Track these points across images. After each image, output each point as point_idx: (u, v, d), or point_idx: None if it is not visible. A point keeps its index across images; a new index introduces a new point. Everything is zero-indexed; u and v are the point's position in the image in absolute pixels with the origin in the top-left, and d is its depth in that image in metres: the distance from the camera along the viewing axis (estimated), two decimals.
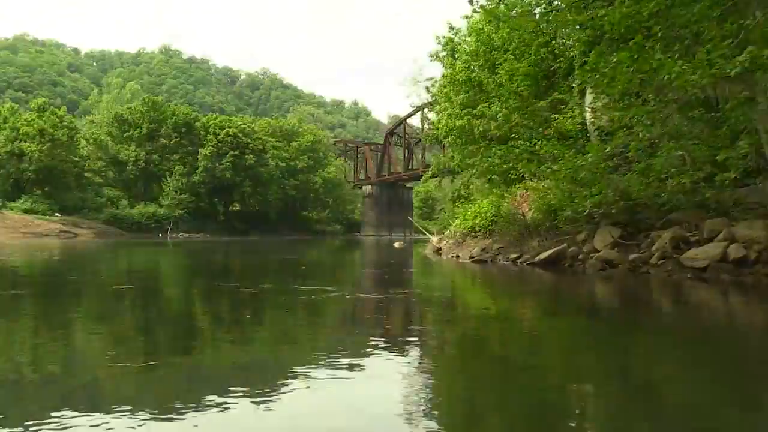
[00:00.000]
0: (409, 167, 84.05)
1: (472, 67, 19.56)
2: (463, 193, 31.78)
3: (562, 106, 17.40)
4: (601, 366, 3.99)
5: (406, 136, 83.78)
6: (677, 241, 9.16)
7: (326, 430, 2.58)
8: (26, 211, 49.46)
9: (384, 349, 4.34)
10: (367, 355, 4.17)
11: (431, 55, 26.39)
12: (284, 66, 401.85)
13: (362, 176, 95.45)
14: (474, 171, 22.68)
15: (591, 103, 12.56)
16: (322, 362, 3.80)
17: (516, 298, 8.04)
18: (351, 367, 3.66)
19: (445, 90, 21.28)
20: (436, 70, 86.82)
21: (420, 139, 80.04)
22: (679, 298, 7.80)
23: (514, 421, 2.83)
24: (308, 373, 3.46)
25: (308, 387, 3.19)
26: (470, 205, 18.35)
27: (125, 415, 2.65)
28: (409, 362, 3.97)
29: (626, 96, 9.46)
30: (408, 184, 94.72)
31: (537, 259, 11.11)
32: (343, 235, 78.85)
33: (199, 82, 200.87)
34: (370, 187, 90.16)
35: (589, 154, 10.23)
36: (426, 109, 33.53)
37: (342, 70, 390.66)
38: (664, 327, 5.75)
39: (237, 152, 62.08)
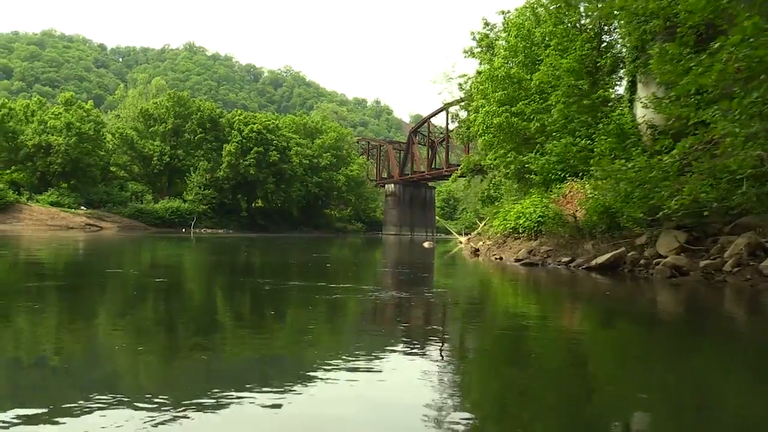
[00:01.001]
0: (433, 166, 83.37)
1: (510, 63, 18.91)
2: (492, 194, 31.13)
3: (609, 104, 16.71)
4: (658, 379, 3.61)
5: (430, 135, 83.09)
6: (753, 247, 8.49)
7: (340, 426, 2.57)
8: (52, 204, 49.75)
9: (424, 351, 4.22)
10: (401, 353, 4.07)
11: (465, 51, 25.82)
12: (306, 63, 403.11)
13: (385, 175, 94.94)
14: (507, 171, 22.05)
15: (647, 99, 11.85)
16: (345, 359, 3.73)
17: (572, 304, 7.45)
18: (384, 367, 3.57)
19: (481, 87, 20.63)
20: (470, 67, 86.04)
21: (444, 139, 79.43)
22: (757, 309, 7.16)
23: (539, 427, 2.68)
24: (327, 370, 3.43)
25: (326, 383, 3.18)
26: (511, 206, 17.69)
27: (145, 405, 2.68)
28: (441, 366, 3.79)
29: (697, 92, 8.80)
30: (431, 184, 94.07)
31: (594, 263, 10.46)
32: (364, 233, 78.43)
33: (223, 79, 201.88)
34: (392, 185, 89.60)
35: (664, 155, 9.51)
36: (457, 107, 32.80)
37: (364, 68, 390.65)
38: (735, 340, 5.25)
39: (261, 149, 61.86)
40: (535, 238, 13.91)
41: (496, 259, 14.72)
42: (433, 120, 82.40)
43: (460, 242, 37.50)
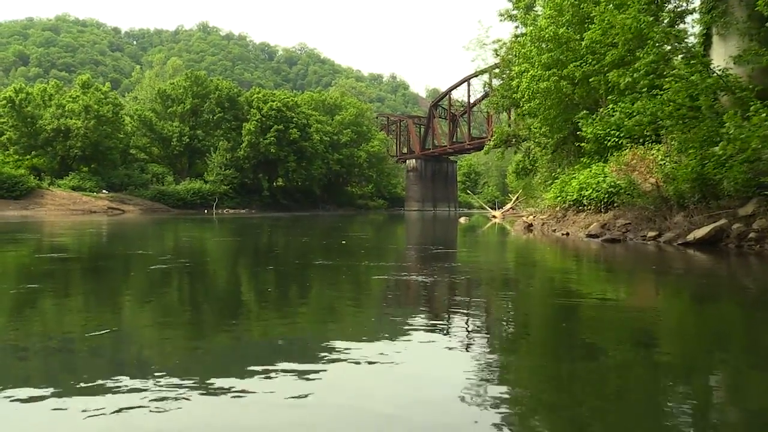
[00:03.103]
0: (454, 140, 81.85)
1: (556, 22, 17.48)
2: (528, 165, 29.79)
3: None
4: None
5: (451, 108, 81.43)
6: None
7: (360, 409, 2.48)
8: (74, 188, 49.29)
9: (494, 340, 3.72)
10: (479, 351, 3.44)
11: (501, 14, 24.34)
12: (321, 40, 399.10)
13: (405, 150, 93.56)
14: (548, 140, 20.71)
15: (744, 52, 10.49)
16: (379, 341, 3.62)
17: (677, 286, 6.27)
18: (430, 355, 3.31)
19: (523, 50, 19.22)
20: (504, 31, 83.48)
21: (465, 111, 77.71)
22: None
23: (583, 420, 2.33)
24: (354, 352, 3.30)
25: (350, 364, 3.08)
26: (569, 176, 16.39)
27: (170, 386, 2.66)
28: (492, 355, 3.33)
29: None
30: (452, 158, 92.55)
31: (692, 237, 9.20)
32: (386, 209, 77.36)
33: (238, 59, 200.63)
34: (414, 161, 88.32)
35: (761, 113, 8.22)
36: (490, 74, 31.25)
37: (379, 43, 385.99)
38: None
39: (281, 126, 60.76)
40: (605, 211, 12.66)
41: (562, 234, 13.47)
42: (454, 94, 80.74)
43: (494, 216, 36.35)
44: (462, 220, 30.03)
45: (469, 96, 75.02)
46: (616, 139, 15.26)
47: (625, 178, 12.28)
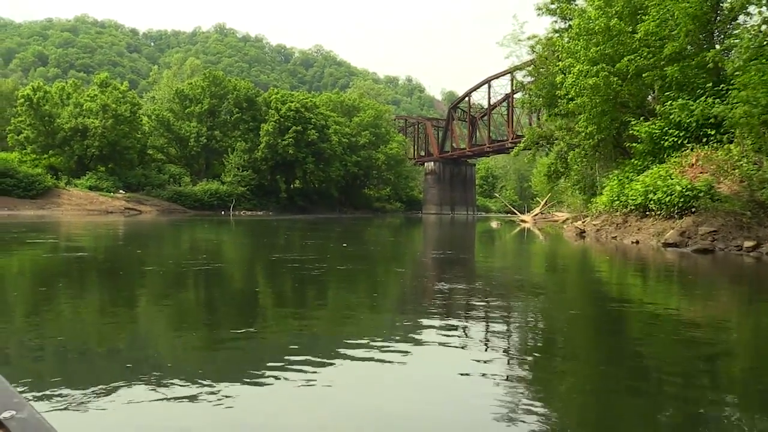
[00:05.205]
0: (474, 143, 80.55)
1: (608, 14, 16.31)
2: (560, 168, 28.58)
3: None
4: None
5: (470, 110, 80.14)
6: None
7: (374, 411, 2.47)
8: (91, 188, 48.67)
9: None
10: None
11: (539, 8, 23.17)
12: (337, 43, 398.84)
13: (423, 153, 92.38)
14: (590, 140, 19.53)
15: None
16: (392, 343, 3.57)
17: None
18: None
19: (568, 44, 18.07)
20: (539, 27, 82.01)
21: (485, 114, 76.44)
22: None
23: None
24: (369, 353, 3.31)
25: (364, 365, 3.10)
26: (623, 178, 15.20)
27: (186, 386, 2.69)
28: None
29: None
30: (470, 161, 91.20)
31: None
32: (403, 212, 76.26)
33: (254, 60, 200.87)
34: (432, 163, 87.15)
35: None
36: (522, 72, 29.98)
37: (395, 45, 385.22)
38: None
39: (299, 128, 59.83)
40: (680, 216, 11.46)
41: (631, 243, 12.24)
42: (473, 96, 79.44)
43: (523, 221, 35.16)
44: (494, 224, 28.86)
45: (489, 98, 73.82)
46: (675, 139, 14.08)
47: (704, 180, 11.08)
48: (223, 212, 52.49)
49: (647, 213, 12.85)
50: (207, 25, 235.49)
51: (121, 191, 50.04)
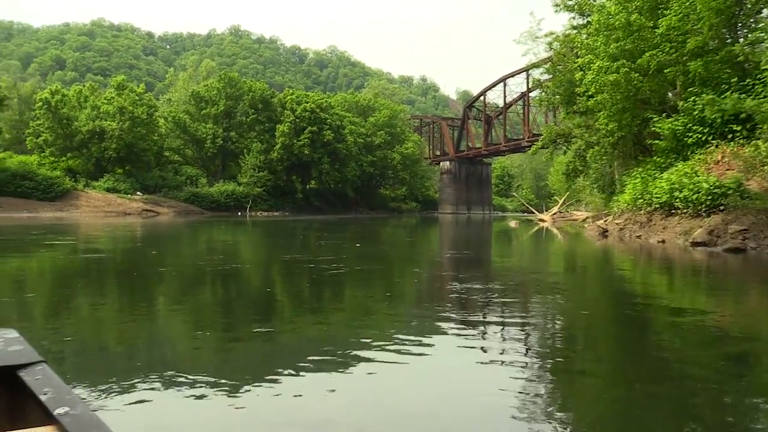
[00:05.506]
0: (489, 142, 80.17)
1: (628, 9, 16.02)
2: (578, 166, 28.27)
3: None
4: None
5: (486, 109, 79.77)
6: None
7: (391, 410, 2.45)
8: (108, 190, 49.04)
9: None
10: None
11: (556, 5, 22.89)
12: (351, 43, 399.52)
13: (438, 152, 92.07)
14: (609, 138, 19.24)
15: None
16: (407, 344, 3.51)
17: None
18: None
19: (586, 41, 17.81)
20: (556, 24, 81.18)
21: (500, 113, 76.05)
22: None
23: None
24: (385, 352, 3.27)
25: (381, 365, 3.06)
26: (645, 176, 14.92)
27: (202, 385, 2.71)
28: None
29: None
30: (486, 160, 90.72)
31: None
32: (419, 212, 76.01)
33: (269, 62, 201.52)
34: (448, 163, 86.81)
35: None
36: (539, 70, 29.64)
37: (409, 45, 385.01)
38: None
39: (315, 128, 59.85)
40: (707, 214, 11.19)
41: (657, 242, 11.98)
42: (488, 95, 79.04)
43: (541, 220, 34.82)
44: (512, 223, 28.61)
45: (504, 96, 73.44)
46: (699, 136, 13.80)
47: (732, 177, 10.82)
48: (239, 213, 52.63)
49: (673, 211, 12.57)
50: (222, 27, 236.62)
51: (138, 193, 50.37)
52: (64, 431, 1.26)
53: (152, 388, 2.67)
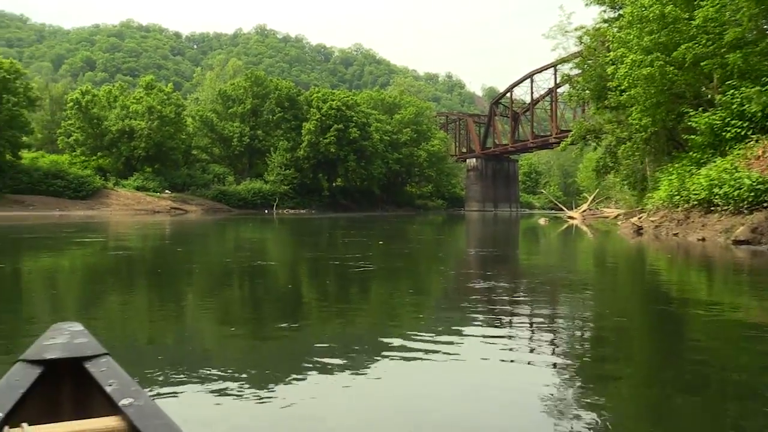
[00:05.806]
0: (516, 138, 79.41)
1: (663, 1, 15.60)
2: (609, 163, 27.78)
3: None
4: None
5: (513, 106, 78.98)
6: None
7: (416, 409, 2.44)
8: (138, 189, 49.74)
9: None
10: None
11: None
12: (376, 41, 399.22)
13: (464, 149, 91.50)
14: (643, 133, 18.80)
15: None
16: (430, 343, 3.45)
17: None
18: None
19: (618, 34, 17.42)
20: (586, 18, 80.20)
21: (528, 109, 75.22)
22: None
23: None
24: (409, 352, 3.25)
25: (407, 363, 3.07)
26: (682, 172, 14.54)
27: (230, 380, 2.72)
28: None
29: None
30: (512, 157, 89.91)
31: None
32: (445, 209, 75.65)
33: (295, 61, 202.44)
34: (474, 160, 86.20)
35: None
36: (568, 65, 29.15)
37: (434, 42, 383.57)
38: None
39: (341, 126, 59.92)
40: (750, 212, 10.82)
41: (697, 240, 11.62)
42: (515, 91, 78.25)
43: (571, 217, 34.34)
44: (542, 221, 28.23)
45: (532, 92, 72.59)
46: (738, 130, 13.38)
47: None
48: (267, 211, 52.95)
49: (712, 208, 12.19)
50: (248, 27, 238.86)
51: (166, 191, 50.99)
52: (128, 422, 1.29)
53: (180, 382, 2.71)
